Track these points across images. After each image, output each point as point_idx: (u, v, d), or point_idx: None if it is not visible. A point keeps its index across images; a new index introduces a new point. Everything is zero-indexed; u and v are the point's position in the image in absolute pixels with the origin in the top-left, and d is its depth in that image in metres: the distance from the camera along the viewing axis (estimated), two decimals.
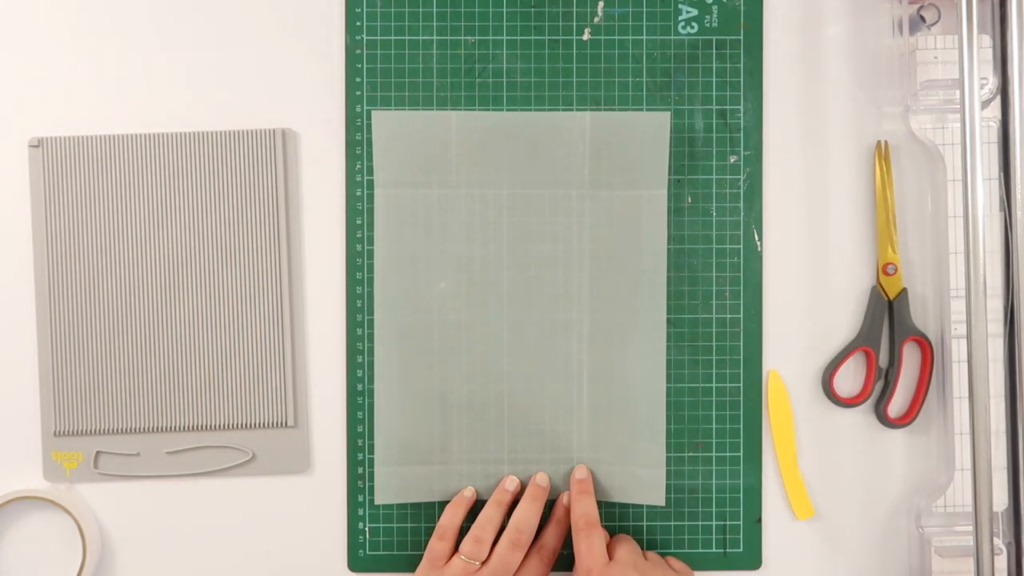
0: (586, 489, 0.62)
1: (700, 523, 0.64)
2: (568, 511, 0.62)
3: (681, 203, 0.64)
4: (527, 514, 0.61)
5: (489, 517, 0.61)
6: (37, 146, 0.63)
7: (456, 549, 0.60)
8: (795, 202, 0.64)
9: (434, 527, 0.63)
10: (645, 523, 0.64)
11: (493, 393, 0.63)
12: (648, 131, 0.63)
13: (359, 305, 0.64)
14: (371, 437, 0.64)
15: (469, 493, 0.63)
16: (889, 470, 0.64)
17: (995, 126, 0.62)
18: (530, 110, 0.64)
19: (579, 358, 0.63)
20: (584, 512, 0.61)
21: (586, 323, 0.63)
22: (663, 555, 0.63)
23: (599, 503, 0.63)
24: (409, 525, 0.64)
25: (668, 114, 0.63)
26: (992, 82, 0.61)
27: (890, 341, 0.64)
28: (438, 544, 0.60)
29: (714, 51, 0.64)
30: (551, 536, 0.62)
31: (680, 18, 0.64)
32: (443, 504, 0.63)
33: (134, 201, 0.63)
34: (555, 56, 0.64)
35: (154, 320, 0.63)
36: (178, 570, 0.64)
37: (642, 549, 0.62)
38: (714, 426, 0.64)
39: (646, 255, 0.63)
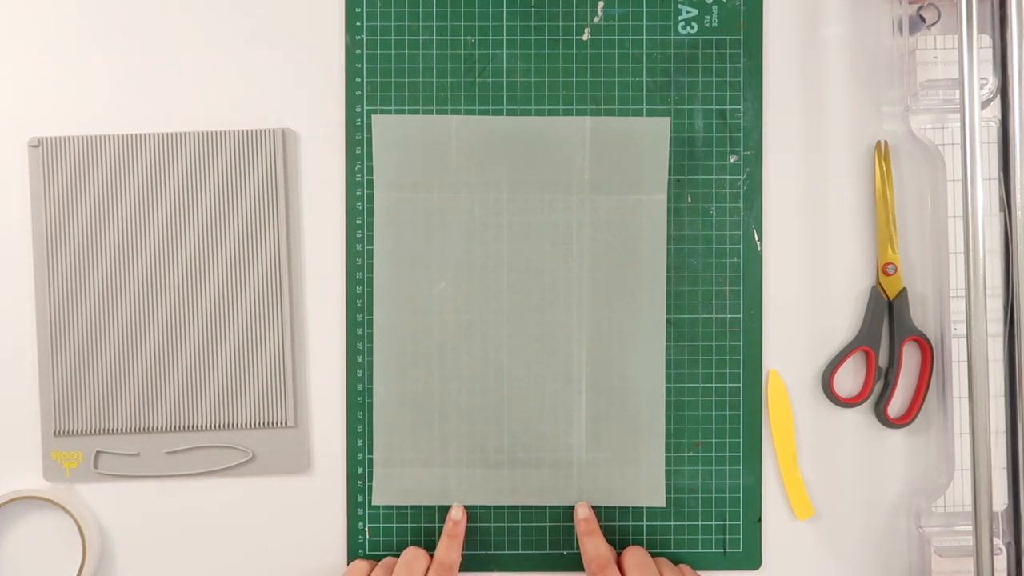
0: (592, 529, 0.62)
1: (700, 523, 0.64)
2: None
3: (681, 203, 0.64)
4: (445, 551, 0.61)
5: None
6: (37, 146, 0.63)
7: None
8: (795, 202, 0.64)
9: (433, 528, 0.63)
10: (645, 523, 0.64)
11: (492, 394, 0.63)
12: (648, 136, 0.63)
13: (359, 305, 0.64)
14: (371, 437, 0.64)
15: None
16: (889, 470, 0.64)
17: (995, 126, 0.62)
18: (530, 110, 0.64)
19: (578, 359, 0.63)
20: (597, 554, 0.60)
21: (585, 324, 0.63)
22: (674, 563, 0.63)
23: (598, 508, 0.63)
24: (409, 525, 0.64)
25: (668, 120, 0.63)
26: (992, 82, 0.61)
27: (890, 341, 0.64)
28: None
29: (714, 51, 0.64)
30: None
31: (680, 18, 0.64)
32: (442, 506, 0.63)
33: (134, 201, 0.63)
34: (555, 56, 0.64)
35: (154, 320, 0.63)
36: (178, 570, 0.64)
37: (649, 553, 0.62)
38: (714, 426, 0.64)
39: (646, 258, 0.63)
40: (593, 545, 0.61)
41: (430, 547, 0.63)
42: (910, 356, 0.64)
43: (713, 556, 0.64)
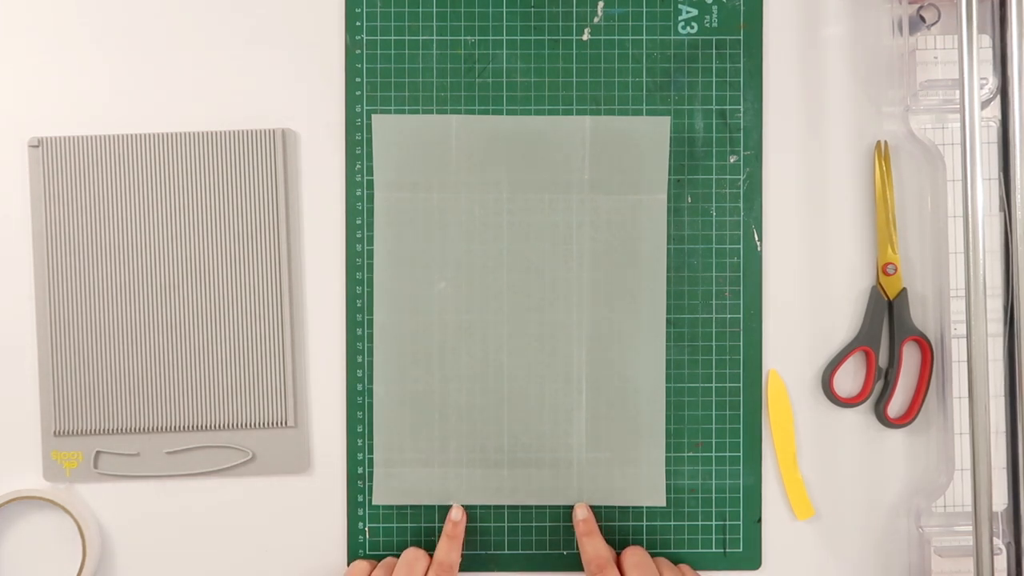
0: (590, 529, 0.62)
1: (700, 523, 0.64)
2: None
3: (681, 203, 0.64)
4: (445, 552, 0.61)
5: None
6: (37, 146, 0.63)
7: None
8: (795, 202, 0.64)
9: (433, 528, 0.63)
10: (645, 523, 0.64)
11: (492, 394, 0.63)
12: (648, 136, 0.63)
13: (359, 305, 0.64)
14: (371, 437, 0.64)
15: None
16: (889, 470, 0.64)
17: (995, 126, 0.62)
18: (530, 110, 0.64)
19: (578, 359, 0.63)
20: (596, 555, 0.60)
21: (585, 324, 0.63)
22: (674, 563, 0.63)
23: (599, 508, 0.63)
24: (409, 525, 0.64)
25: (668, 119, 0.63)
26: (992, 82, 0.61)
27: (890, 341, 0.64)
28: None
29: (714, 51, 0.64)
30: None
31: (680, 18, 0.64)
32: (442, 506, 0.63)
33: (134, 201, 0.63)
34: (555, 56, 0.64)
35: (154, 320, 0.63)
36: (178, 570, 0.64)
37: (649, 553, 0.63)
38: (714, 426, 0.64)
39: (646, 258, 0.63)
40: (592, 546, 0.61)
41: (430, 547, 0.63)
42: (910, 356, 0.64)
43: (713, 556, 0.64)
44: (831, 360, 0.64)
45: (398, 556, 0.62)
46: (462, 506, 0.63)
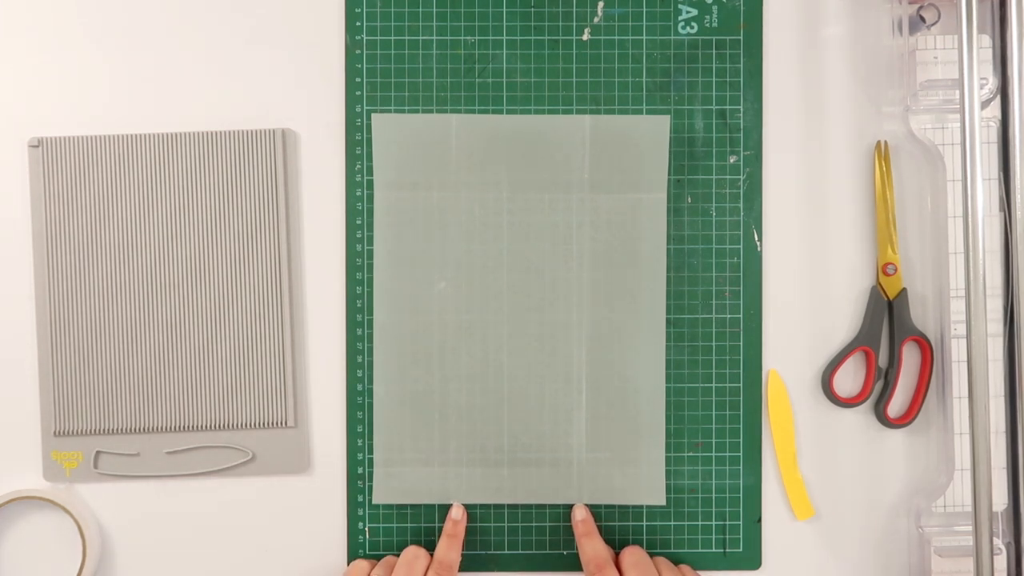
0: (589, 530, 0.62)
1: (700, 523, 0.64)
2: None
3: (681, 203, 0.64)
4: (445, 550, 0.61)
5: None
6: (37, 146, 0.63)
7: None
8: (795, 202, 0.64)
9: (433, 527, 0.63)
10: (645, 523, 0.64)
11: (492, 394, 0.63)
12: (648, 135, 0.63)
13: (359, 305, 0.64)
14: (371, 437, 0.64)
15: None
16: (889, 470, 0.64)
17: (995, 126, 0.62)
18: (530, 110, 0.64)
19: (578, 359, 0.63)
20: (595, 555, 0.60)
21: (585, 324, 0.63)
22: (675, 563, 0.63)
23: (598, 507, 0.63)
24: (408, 525, 0.64)
25: (668, 118, 0.63)
26: (992, 82, 0.61)
27: (890, 341, 0.64)
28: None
29: (714, 51, 0.64)
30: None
31: (680, 18, 0.64)
32: (442, 505, 0.63)
33: (134, 201, 0.63)
34: (555, 56, 0.64)
35: (154, 320, 0.63)
36: (178, 570, 0.64)
37: (648, 552, 0.63)
38: (714, 426, 0.64)
39: (646, 257, 0.63)
40: (591, 546, 0.61)
41: (430, 547, 0.63)
42: (910, 356, 0.64)
43: (713, 556, 0.64)
44: (831, 360, 0.64)
45: (398, 555, 0.62)
46: (463, 505, 0.63)
